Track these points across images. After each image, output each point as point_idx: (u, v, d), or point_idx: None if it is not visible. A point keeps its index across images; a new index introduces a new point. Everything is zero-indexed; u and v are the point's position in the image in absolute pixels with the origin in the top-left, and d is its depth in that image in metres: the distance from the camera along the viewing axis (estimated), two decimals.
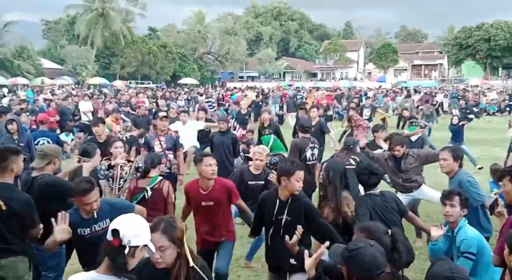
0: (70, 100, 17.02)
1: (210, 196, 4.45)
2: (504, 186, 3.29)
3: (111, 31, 50.99)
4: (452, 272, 2.30)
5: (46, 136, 8.20)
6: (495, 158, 10.62)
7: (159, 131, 7.67)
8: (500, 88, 39.15)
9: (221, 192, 4.49)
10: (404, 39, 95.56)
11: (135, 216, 2.56)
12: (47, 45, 60.32)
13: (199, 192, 4.48)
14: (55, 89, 32.28)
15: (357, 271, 2.30)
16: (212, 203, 4.45)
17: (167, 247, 2.58)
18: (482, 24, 61.39)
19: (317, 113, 9.77)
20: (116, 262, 2.32)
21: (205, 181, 4.45)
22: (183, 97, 25.62)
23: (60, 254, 4.42)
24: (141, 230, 2.43)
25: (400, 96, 28.54)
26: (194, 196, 4.53)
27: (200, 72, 62.48)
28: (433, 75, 70.60)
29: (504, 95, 31.66)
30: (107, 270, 2.35)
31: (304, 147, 6.75)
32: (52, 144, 6.16)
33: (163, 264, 2.61)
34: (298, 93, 32.01)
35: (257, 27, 73.61)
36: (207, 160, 4.41)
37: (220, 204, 4.50)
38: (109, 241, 2.34)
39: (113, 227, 2.34)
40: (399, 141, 6.07)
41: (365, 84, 51.94)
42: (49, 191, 4.26)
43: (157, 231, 2.60)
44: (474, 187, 4.72)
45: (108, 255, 2.35)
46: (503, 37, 58.33)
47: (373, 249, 2.37)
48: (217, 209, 4.49)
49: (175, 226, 2.65)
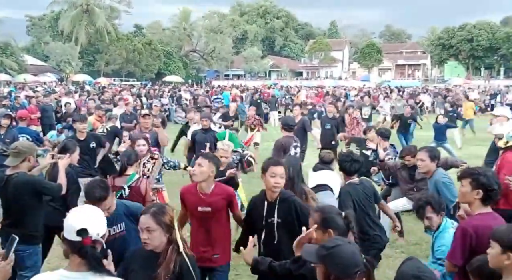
0: (51, 96, 16.78)
1: (208, 201, 3.99)
2: (463, 186, 3.30)
3: (96, 28, 50.55)
4: (419, 271, 2.31)
5: (25, 133, 8.07)
6: (476, 157, 10.74)
7: (143, 128, 7.63)
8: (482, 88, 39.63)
9: (220, 198, 4.02)
10: (389, 39, 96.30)
11: (87, 207, 2.55)
12: (31, 42, 59.47)
13: (197, 195, 4.02)
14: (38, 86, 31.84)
15: (336, 269, 2.29)
16: (209, 209, 3.99)
17: (154, 229, 2.75)
18: (465, 24, 62.16)
19: (300, 111, 9.79)
20: (92, 260, 2.28)
21: (202, 184, 3.98)
22: (167, 95, 25.55)
23: (37, 254, 4.36)
24: (100, 218, 2.43)
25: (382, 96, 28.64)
26: (191, 201, 4.07)
27: (186, 70, 62.20)
28: (416, 74, 71.30)
29: (485, 95, 32.05)
30: (80, 266, 2.30)
31: (288, 145, 6.76)
32: (26, 141, 6.06)
33: (150, 245, 2.78)
34: (287, 93, 32.11)
35: (242, 26, 73.50)
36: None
37: (218, 212, 4.04)
38: (79, 242, 2.28)
39: (79, 228, 2.28)
40: (409, 151, 6.03)
41: (350, 83, 52.23)
42: (26, 190, 4.18)
43: (147, 213, 2.82)
44: (448, 188, 4.75)
45: (81, 255, 2.30)
46: (485, 38, 59.15)
47: (351, 246, 2.38)
48: (213, 217, 4.01)
49: (165, 212, 2.83)
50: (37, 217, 4.32)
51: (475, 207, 3.26)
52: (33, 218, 4.27)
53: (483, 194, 3.18)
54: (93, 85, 39.98)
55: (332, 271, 2.31)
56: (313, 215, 2.93)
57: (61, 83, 40.85)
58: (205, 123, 8.32)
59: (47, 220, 4.42)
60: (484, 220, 3.06)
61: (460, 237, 3.16)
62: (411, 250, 6.30)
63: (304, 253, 2.55)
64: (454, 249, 3.21)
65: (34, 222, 4.28)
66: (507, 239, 2.51)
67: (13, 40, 46.25)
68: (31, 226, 4.26)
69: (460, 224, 3.38)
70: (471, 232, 3.09)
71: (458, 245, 3.17)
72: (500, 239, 2.53)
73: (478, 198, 3.21)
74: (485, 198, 3.20)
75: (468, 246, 3.09)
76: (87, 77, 45.37)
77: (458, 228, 3.30)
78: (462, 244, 3.13)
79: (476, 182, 3.21)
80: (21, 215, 4.19)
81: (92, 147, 7.22)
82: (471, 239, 3.08)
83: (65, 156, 4.69)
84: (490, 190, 3.18)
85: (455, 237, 3.23)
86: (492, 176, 3.25)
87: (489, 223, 2.87)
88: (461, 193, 3.34)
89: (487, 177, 3.20)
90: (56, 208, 4.72)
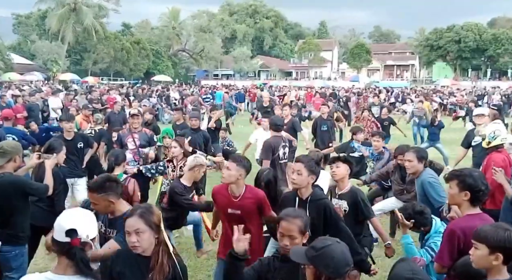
0: (37, 95, 16.56)
1: (238, 204, 4.00)
2: (451, 188, 3.32)
3: (83, 27, 50.04)
4: (413, 273, 2.31)
5: (11, 133, 7.94)
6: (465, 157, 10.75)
7: (132, 128, 7.58)
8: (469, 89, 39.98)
9: (250, 202, 4.01)
10: (378, 39, 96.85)
11: (79, 209, 2.54)
12: (17, 40, 58.75)
13: (227, 197, 4.06)
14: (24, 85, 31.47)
15: (327, 269, 2.29)
16: (239, 212, 4.01)
17: (143, 231, 2.62)
18: (453, 25, 62.69)
19: (289, 112, 9.78)
20: (80, 262, 2.24)
21: (232, 187, 4.02)
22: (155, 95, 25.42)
23: (23, 254, 4.30)
24: (92, 220, 2.41)
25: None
26: (221, 202, 4.13)
27: (174, 69, 61.97)
28: (405, 75, 71.77)
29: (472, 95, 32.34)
30: (66, 269, 2.25)
31: (277, 146, 6.73)
32: (12, 141, 5.96)
33: (139, 248, 2.64)
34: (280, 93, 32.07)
35: (232, 25, 73.38)
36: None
37: (248, 215, 4.02)
38: (67, 243, 2.23)
39: (68, 228, 2.23)
40: (402, 151, 5.95)
41: (339, 83, 52.40)
42: (12, 191, 4.12)
43: (134, 215, 2.66)
44: (434, 189, 4.75)
45: (69, 257, 2.25)
46: (473, 39, 59.71)
47: (340, 246, 2.37)
48: (244, 219, 3.93)
49: (152, 212, 2.70)
50: (23, 217, 4.26)
51: (463, 208, 3.28)
52: (19, 219, 4.21)
53: (471, 195, 3.20)
54: (80, 84, 39.62)
55: (323, 272, 2.30)
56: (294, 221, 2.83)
57: (47, 82, 40.45)
58: (194, 122, 8.28)
59: (34, 220, 4.37)
60: (472, 221, 3.06)
61: (448, 239, 3.18)
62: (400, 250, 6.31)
63: (293, 254, 2.52)
64: (442, 250, 3.23)
65: (20, 222, 4.22)
66: (495, 240, 2.46)
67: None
68: (17, 227, 4.20)
69: (448, 226, 3.39)
70: (459, 233, 3.10)
71: (446, 246, 3.18)
72: (487, 239, 2.48)
73: (466, 199, 3.22)
74: (472, 199, 3.21)
75: (456, 247, 3.10)
76: (74, 76, 44.92)
77: (446, 230, 3.32)
78: (450, 246, 3.14)
79: (463, 183, 3.22)
80: (7, 215, 4.13)
81: (80, 147, 7.15)
82: (459, 240, 3.09)
83: (51, 156, 4.63)
84: (476, 191, 3.19)
85: (443, 239, 3.25)
86: (478, 177, 3.26)
87: (477, 224, 2.88)
88: (449, 195, 3.36)
89: (473, 178, 3.22)
90: (43, 208, 4.68)
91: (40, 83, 35.75)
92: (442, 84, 49.00)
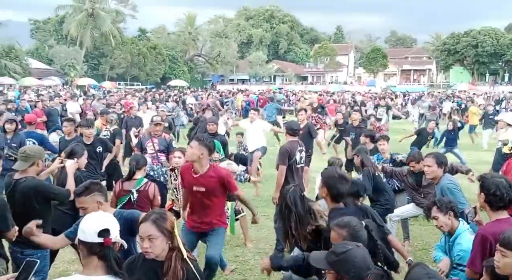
0: (56, 100, 16.77)
1: (202, 182, 4.35)
2: (477, 191, 3.32)
3: (101, 32, 50.73)
4: (429, 277, 2.29)
5: (31, 137, 8.04)
6: (483, 162, 10.68)
7: (153, 133, 7.69)
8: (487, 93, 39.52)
9: (213, 180, 4.36)
10: (394, 44, 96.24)
11: (101, 212, 2.58)
12: (35, 45, 59.71)
13: (191, 175, 4.41)
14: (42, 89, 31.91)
15: (349, 273, 2.29)
16: (203, 189, 4.36)
17: (156, 237, 2.66)
18: (470, 30, 62.13)
19: (305, 116, 9.74)
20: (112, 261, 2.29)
21: (196, 165, 4.35)
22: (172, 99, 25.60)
23: (44, 258, 4.34)
24: (115, 221, 2.47)
25: None
26: (187, 180, 4.49)
27: (190, 74, 62.33)
28: (422, 80, 71.19)
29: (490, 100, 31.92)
30: (97, 270, 2.29)
31: (293, 151, 6.70)
32: (35, 145, 6.03)
33: (152, 254, 2.68)
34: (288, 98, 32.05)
35: (248, 30, 73.62)
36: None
37: (212, 192, 4.38)
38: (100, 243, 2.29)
39: (101, 228, 2.29)
40: (413, 158, 5.95)
41: (355, 88, 52.18)
42: (34, 195, 4.17)
43: (148, 221, 2.71)
44: (454, 194, 4.71)
45: (101, 257, 2.30)
46: (490, 44, 59.10)
47: (361, 250, 2.37)
48: (208, 196, 4.38)
49: (166, 218, 2.73)
50: (45, 221, 4.31)
51: (487, 211, 3.28)
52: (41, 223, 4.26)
53: (485, 198, 3.19)
54: (97, 89, 40.04)
55: (345, 276, 2.30)
56: (338, 231, 2.86)
57: (65, 86, 40.96)
58: (211, 127, 8.33)
59: (55, 224, 4.41)
60: (502, 226, 3.03)
61: (479, 245, 3.16)
62: (417, 255, 6.26)
63: (312, 260, 2.53)
64: (474, 256, 3.21)
65: (42, 226, 4.27)
66: None
67: (17, 43, 46.45)
68: (39, 231, 4.24)
69: (479, 231, 3.36)
70: (491, 239, 3.08)
71: (478, 252, 3.16)
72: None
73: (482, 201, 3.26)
74: (487, 202, 3.20)
75: (488, 253, 3.08)
76: (92, 81, 45.35)
77: (477, 235, 3.28)
78: (482, 251, 3.13)
79: (481, 186, 3.28)
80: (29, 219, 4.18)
81: (99, 151, 7.21)
82: (490, 246, 3.07)
83: (73, 161, 4.70)
84: (490, 194, 3.19)
85: (475, 245, 3.23)
86: (493, 180, 3.24)
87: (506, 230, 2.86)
88: (478, 198, 3.37)
89: (488, 180, 3.23)
90: (64, 212, 4.72)
91: (58, 88, 36.22)
92: (460, 89, 48.51)
